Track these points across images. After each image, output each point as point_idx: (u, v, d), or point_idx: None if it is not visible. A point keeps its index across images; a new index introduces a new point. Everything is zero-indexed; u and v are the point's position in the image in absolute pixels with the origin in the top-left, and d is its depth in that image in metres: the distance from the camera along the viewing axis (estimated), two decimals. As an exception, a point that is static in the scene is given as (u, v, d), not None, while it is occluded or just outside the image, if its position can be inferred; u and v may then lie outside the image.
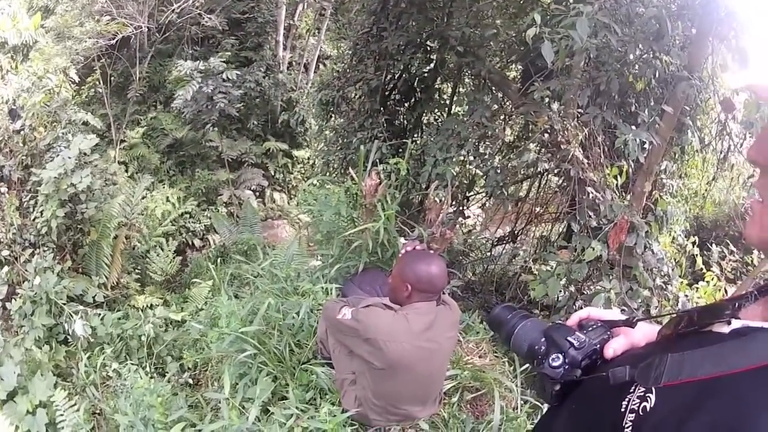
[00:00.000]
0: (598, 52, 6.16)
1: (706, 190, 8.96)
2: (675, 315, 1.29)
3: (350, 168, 7.06)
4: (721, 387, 0.99)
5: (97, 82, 13.18)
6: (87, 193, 8.15)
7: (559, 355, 1.45)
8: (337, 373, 4.30)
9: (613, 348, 1.43)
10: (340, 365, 4.23)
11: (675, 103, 6.47)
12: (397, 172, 6.25)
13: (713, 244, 9.34)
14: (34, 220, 8.42)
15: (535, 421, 4.52)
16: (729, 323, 1.13)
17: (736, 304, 1.17)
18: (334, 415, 3.96)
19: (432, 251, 4.32)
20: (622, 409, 1.15)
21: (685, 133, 7.18)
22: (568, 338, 1.46)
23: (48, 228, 8.01)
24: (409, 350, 3.64)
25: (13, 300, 7.43)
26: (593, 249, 6.11)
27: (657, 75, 6.59)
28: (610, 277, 6.30)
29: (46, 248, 8.24)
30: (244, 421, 3.98)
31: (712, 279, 7.44)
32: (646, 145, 6.55)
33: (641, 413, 1.10)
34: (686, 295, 6.92)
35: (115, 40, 13.09)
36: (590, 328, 1.50)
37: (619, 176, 6.61)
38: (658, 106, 6.62)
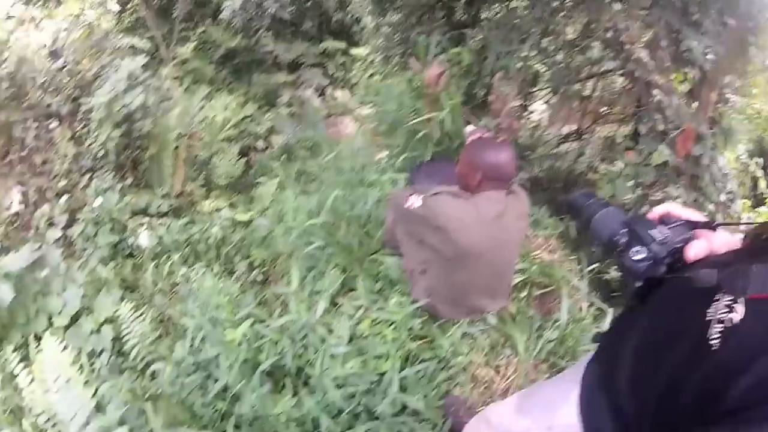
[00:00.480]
0: None
1: (768, 112, 8.77)
2: (760, 224, 1.24)
3: (411, 59, 6.94)
4: None
5: (138, 7, 12.96)
6: (142, 110, 8.09)
7: (642, 249, 1.39)
8: (406, 263, 4.24)
9: (695, 251, 1.36)
10: (409, 255, 4.16)
11: (738, 17, 6.26)
12: (459, 62, 6.13)
13: (777, 169, 9.13)
14: (89, 146, 8.39)
15: (602, 326, 4.50)
16: None
17: None
18: (404, 306, 3.94)
19: (500, 140, 4.22)
20: (708, 318, 1.10)
21: (749, 50, 6.96)
22: (651, 232, 1.41)
23: (105, 151, 7.99)
24: (479, 238, 3.57)
25: (74, 226, 7.47)
26: (660, 153, 5.99)
27: None
28: (677, 185, 6.19)
29: (105, 170, 8.23)
30: (312, 314, 4.00)
31: (775, 204, 7.32)
32: (710, 56, 6.31)
33: (729, 324, 1.06)
34: (749, 217, 6.81)
35: None
36: (673, 225, 1.45)
37: (684, 83, 6.46)
38: (721, 18, 6.36)
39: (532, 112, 10.20)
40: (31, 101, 8.69)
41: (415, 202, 3.80)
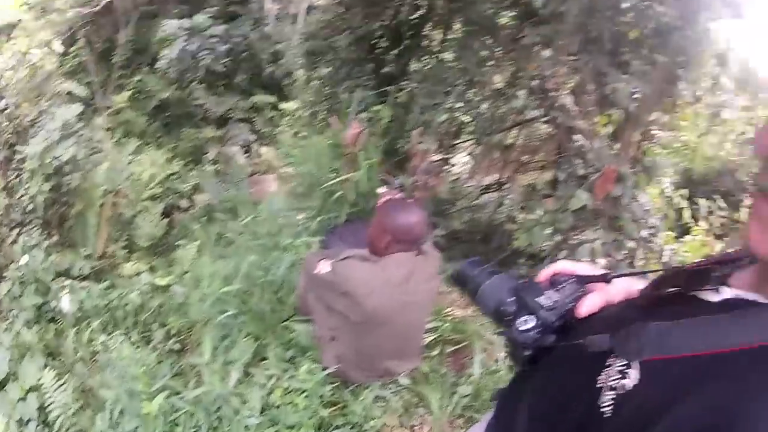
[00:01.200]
0: None
1: (696, 143, 8.93)
2: (659, 276, 1.21)
3: (332, 118, 6.99)
4: (717, 366, 0.90)
5: (81, 51, 12.95)
6: (72, 163, 8.03)
7: (530, 318, 1.34)
8: (316, 329, 4.24)
9: (587, 306, 1.32)
10: (319, 321, 4.17)
11: (668, 54, 6.37)
12: (380, 119, 6.19)
13: (702, 198, 9.30)
14: (20, 198, 8.24)
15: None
16: (717, 291, 1.05)
17: (726, 269, 1.08)
18: (314, 374, 3.95)
19: (411, 200, 4.24)
20: (598, 385, 1.06)
21: (677, 85, 7.09)
22: (539, 298, 1.36)
23: (34, 205, 7.89)
24: (387, 302, 3.60)
25: (2, 284, 7.34)
26: (579, 198, 6.06)
27: (652, 25, 6.46)
28: (596, 228, 6.26)
29: (32, 225, 8.12)
30: (226, 385, 3.98)
31: (699, 233, 7.42)
32: (637, 95, 6.42)
33: (621, 391, 1.01)
34: (672, 249, 6.91)
35: (99, 6, 12.76)
36: (562, 285, 1.40)
37: (608, 125, 6.57)
38: (651, 56, 6.49)
39: (453, 165, 10.28)
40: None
41: (323, 267, 3.83)
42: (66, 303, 6.72)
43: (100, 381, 5.02)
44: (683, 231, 7.91)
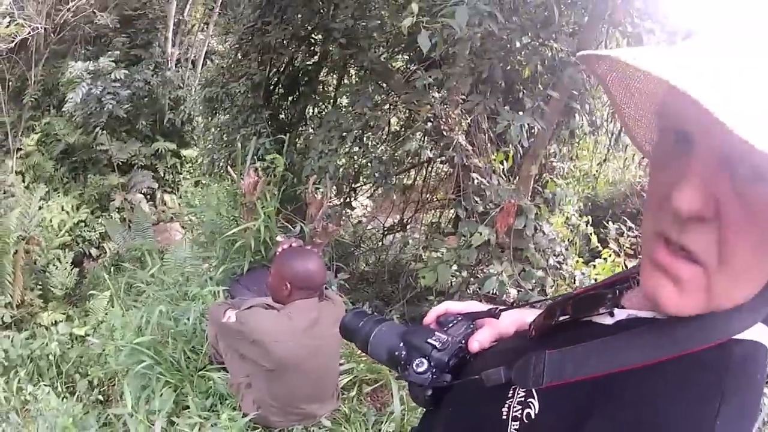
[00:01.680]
0: (482, 40, 6.13)
1: (597, 171, 9.14)
2: (548, 306, 1.22)
3: (229, 167, 6.98)
4: (617, 386, 0.93)
5: None
6: None
7: (423, 360, 1.36)
8: (232, 377, 4.28)
9: (478, 341, 1.36)
10: (233, 369, 4.20)
11: (562, 89, 6.52)
12: (276, 168, 6.23)
13: (610, 222, 9.51)
14: None
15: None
16: (612, 314, 1.06)
17: (617, 291, 1.10)
18: (235, 420, 3.95)
19: (310, 247, 4.28)
20: (504, 417, 1.08)
21: (574, 116, 7.27)
22: (429, 340, 1.38)
23: None
24: (295, 348, 3.63)
25: None
26: (480, 234, 6.14)
27: (545, 62, 6.66)
28: (501, 260, 6.34)
29: None
30: (152, 434, 3.97)
31: (610, 255, 7.57)
32: (533, 130, 6.55)
33: (525, 420, 1.04)
34: (583, 273, 7.04)
35: (14, 43, 12.73)
36: (451, 325, 1.43)
37: (505, 161, 6.69)
38: (545, 91, 6.59)
39: (354, 209, 10.33)
40: None
41: (231, 316, 3.85)
42: None
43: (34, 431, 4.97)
44: (594, 255, 8.06)
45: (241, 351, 3.88)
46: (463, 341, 1.38)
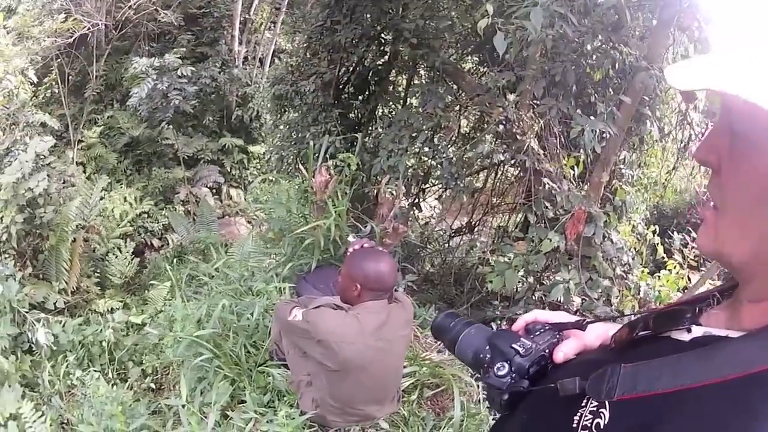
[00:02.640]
0: (554, 42, 6.02)
1: (666, 179, 9.00)
2: (631, 320, 1.22)
3: (300, 164, 7.00)
4: (682, 402, 0.93)
5: (54, 83, 12.98)
6: (44, 196, 8.03)
7: (505, 364, 1.36)
8: (293, 374, 4.26)
9: (564, 351, 1.36)
10: (295, 367, 4.18)
11: (633, 94, 6.44)
12: (348, 166, 6.22)
13: (675, 232, 9.36)
14: None
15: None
16: (689, 330, 1.06)
17: (697, 309, 1.11)
18: (293, 418, 3.92)
19: (381, 248, 4.25)
20: (574, 425, 1.07)
21: (644, 123, 7.17)
22: (513, 345, 1.38)
23: (8, 234, 7.86)
24: (362, 350, 3.59)
25: None
26: (550, 240, 6.08)
27: (616, 66, 6.56)
28: (569, 268, 6.28)
29: (6, 255, 8.07)
30: (204, 426, 3.95)
31: (674, 267, 7.45)
32: (605, 135, 6.45)
33: (594, 429, 1.03)
34: (648, 284, 6.95)
35: (73, 38, 12.85)
36: (537, 333, 1.43)
37: (576, 167, 6.62)
38: (617, 96, 6.56)
39: (422, 210, 10.32)
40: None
41: (297, 315, 3.82)
42: (42, 336, 6.70)
43: (78, 416, 5.02)
44: (658, 266, 7.95)
45: (306, 350, 3.85)
46: (547, 350, 1.39)
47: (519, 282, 6.60)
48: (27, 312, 7.12)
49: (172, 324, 5.65)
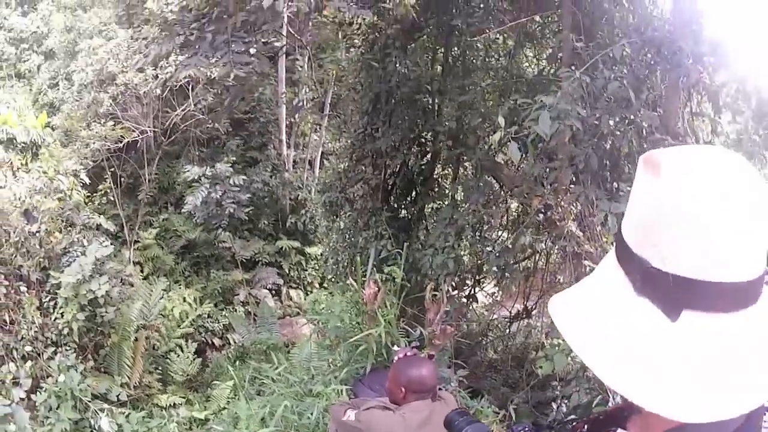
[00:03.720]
0: (574, 132, 6.31)
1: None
2: (574, 425, 1.49)
3: (351, 278, 7.29)
4: None
5: (109, 189, 13.51)
6: (106, 297, 8.45)
7: None
8: (351, 469, 4.53)
9: None
10: (351, 463, 4.46)
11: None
12: (393, 279, 6.53)
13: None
14: (54, 320, 8.76)
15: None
16: None
17: (625, 414, 1.32)
18: None
19: (427, 350, 4.56)
20: None
21: None
22: None
23: (69, 329, 8.32)
24: (408, 445, 3.89)
25: (38, 393, 7.76)
26: (593, 323, 6.18)
27: (633, 141, 6.73)
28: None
29: (68, 348, 8.54)
30: None
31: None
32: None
33: None
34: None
35: (122, 143, 13.57)
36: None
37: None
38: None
39: (477, 301, 10.46)
40: (3, 257, 9.08)
41: (350, 415, 4.16)
42: (105, 424, 7.07)
43: None
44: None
45: (360, 447, 4.17)
46: None
47: (569, 364, 6.71)
48: (89, 401, 7.48)
49: (236, 422, 5.99)
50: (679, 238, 1.00)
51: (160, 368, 10.07)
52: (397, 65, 9.26)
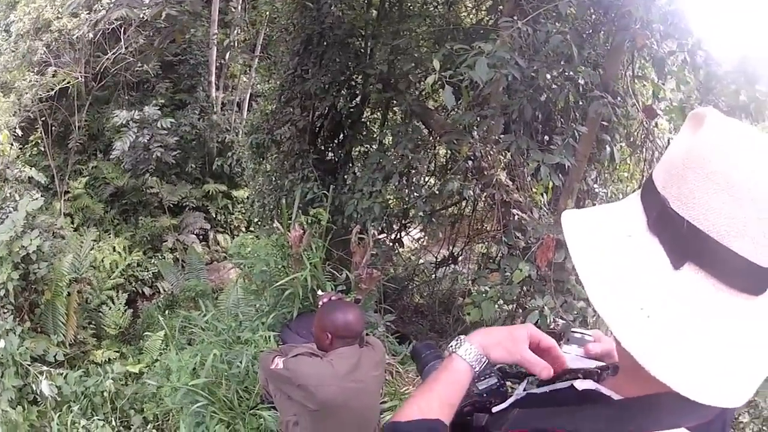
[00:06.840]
0: (509, 82, 6.20)
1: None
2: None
3: (276, 221, 7.23)
4: None
5: (40, 140, 13.30)
6: (38, 253, 8.23)
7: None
8: (281, 416, 4.51)
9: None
10: (282, 409, 4.42)
11: (590, 123, 6.67)
12: (319, 221, 6.47)
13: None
14: None
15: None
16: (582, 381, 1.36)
17: (601, 372, 1.40)
18: (285, 456, 4.16)
19: (354, 293, 4.52)
20: None
21: (604, 148, 7.32)
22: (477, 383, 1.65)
23: (5, 290, 8.06)
24: (338, 391, 3.86)
25: None
26: (521, 270, 6.25)
27: (571, 96, 6.65)
28: (544, 293, 6.41)
29: (5, 310, 8.27)
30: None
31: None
32: (566, 168, 6.66)
33: None
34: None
35: (54, 90, 13.12)
36: (483, 377, 1.64)
37: (546, 193, 6.80)
38: (574, 127, 6.66)
39: (404, 246, 10.49)
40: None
41: (278, 363, 4.10)
42: (46, 387, 6.93)
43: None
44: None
45: (289, 393, 4.10)
46: (484, 394, 1.61)
47: (497, 311, 6.75)
48: (29, 365, 7.34)
49: (168, 373, 5.93)
50: (709, 192, 0.99)
51: (93, 323, 9.87)
52: (332, 7, 9.20)
